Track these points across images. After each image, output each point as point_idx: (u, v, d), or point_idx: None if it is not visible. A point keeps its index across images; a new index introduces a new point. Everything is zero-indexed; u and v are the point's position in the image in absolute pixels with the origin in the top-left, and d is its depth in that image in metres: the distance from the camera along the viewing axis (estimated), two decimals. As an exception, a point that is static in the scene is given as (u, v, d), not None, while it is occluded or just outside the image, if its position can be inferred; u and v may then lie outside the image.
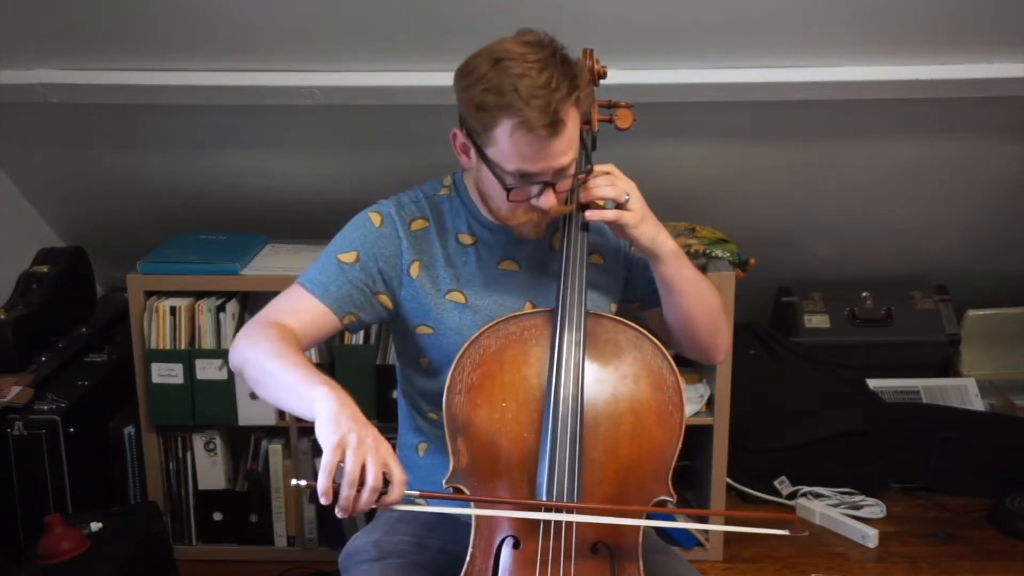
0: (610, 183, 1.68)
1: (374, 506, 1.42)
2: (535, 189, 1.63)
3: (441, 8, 2.29)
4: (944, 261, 3.22)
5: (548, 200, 1.64)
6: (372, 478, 1.40)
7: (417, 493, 1.47)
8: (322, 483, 1.38)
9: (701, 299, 1.79)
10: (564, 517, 1.52)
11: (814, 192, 2.91)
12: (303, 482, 1.43)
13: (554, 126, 1.56)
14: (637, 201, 1.69)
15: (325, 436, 1.41)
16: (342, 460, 1.39)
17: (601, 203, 1.69)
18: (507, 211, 1.68)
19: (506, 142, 1.58)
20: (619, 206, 1.69)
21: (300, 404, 1.51)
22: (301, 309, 1.71)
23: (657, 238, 1.71)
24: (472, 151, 1.67)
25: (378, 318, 1.78)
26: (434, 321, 1.76)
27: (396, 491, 1.43)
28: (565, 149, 1.60)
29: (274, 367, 1.56)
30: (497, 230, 1.78)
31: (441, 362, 1.76)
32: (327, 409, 1.44)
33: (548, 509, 1.53)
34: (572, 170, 1.65)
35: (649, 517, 1.64)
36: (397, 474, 1.43)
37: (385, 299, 1.76)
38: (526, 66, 1.55)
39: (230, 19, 2.36)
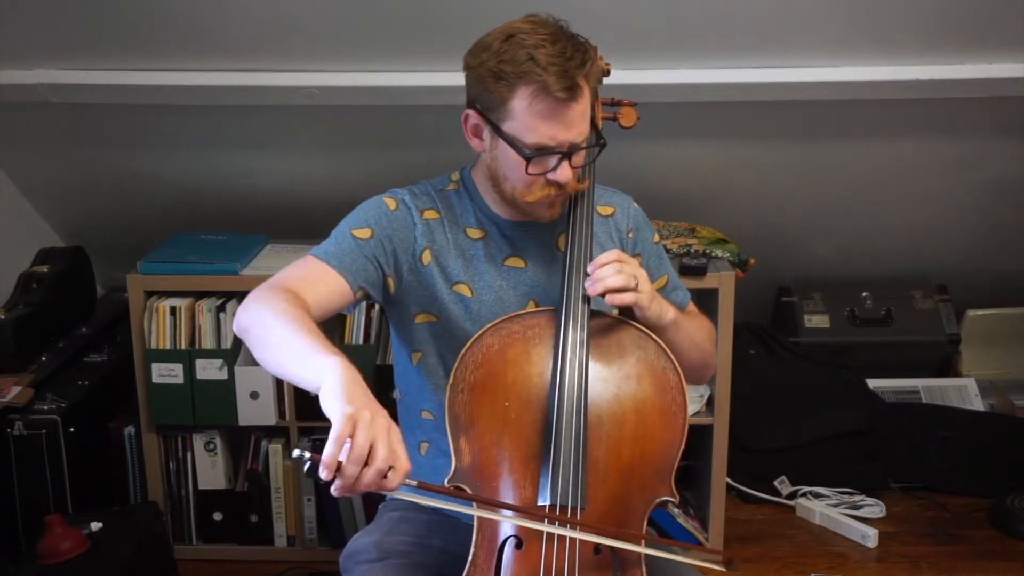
0: (618, 270, 1.64)
1: (372, 490, 1.35)
2: (552, 162, 1.63)
3: (442, 8, 2.29)
4: (944, 261, 3.22)
5: (564, 173, 1.63)
6: (381, 459, 1.32)
7: (416, 483, 1.40)
8: (330, 453, 1.30)
9: (696, 349, 1.81)
10: (566, 532, 1.52)
11: (814, 192, 2.92)
12: (307, 453, 1.33)
13: (571, 91, 1.57)
14: (645, 283, 1.68)
15: (336, 407, 1.34)
16: (352, 434, 1.32)
17: (615, 288, 1.63)
18: (524, 187, 1.66)
19: (524, 112, 1.59)
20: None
21: (306, 371, 1.43)
22: (316, 279, 1.66)
23: (661, 313, 1.71)
24: (486, 131, 1.67)
25: (378, 298, 1.76)
26: (439, 310, 1.75)
27: (398, 477, 1.35)
28: (580, 120, 1.62)
29: (284, 330, 1.49)
30: (505, 225, 1.78)
31: (440, 354, 1.76)
32: (339, 380, 1.37)
33: (552, 521, 1.52)
34: (586, 144, 1.65)
35: (650, 538, 1.62)
36: (403, 460, 1.36)
37: (390, 281, 1.75)
38: (539, 38, 1.58)
39: (230, 19, 2.36)
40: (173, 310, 2.54)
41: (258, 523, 2.69)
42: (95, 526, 2.28)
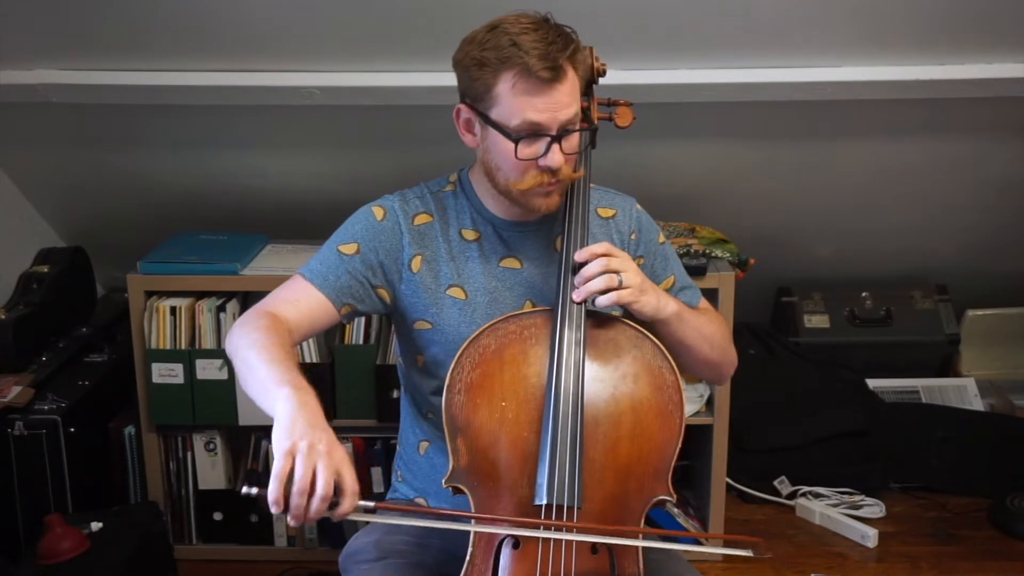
0: (602, 266, 1.64)
1: (326, 515, 1.39)
2: (542, 146, 1.63)
3: (442, 8, 2.29)
4: (944, 261, 3.22)
5: (556, 158, 1.63)
6: (321, 486, 1.36)
7: (372, 505, 1.43)
8: (274, 491, 1.35)
9: (707, 343, 1.81)
10: (554, 535, 1.52)
11: (814, 192, 2.91)
12: (254, 490, 1.39)
13: (554, 71, 1.58)
14: (634, 276, 1.67)
15: (278, 441, 1.39)
16: (292, 467, 1.36)
17: (598, 291, 1.64)
18: (516, 176, 1.66)
19: (508, 95, 1.60)
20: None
21: (267, 403, 1.48)
22: (299, 299, 1.70)
23: (659, 306, 1.71)
24: (476, 123, 1.68)
25: (374, 310, 1.79)
26: (432, 316, 1.76)
27: (347, 502, 1.39)
28: (567, 102, 1.62)
29: (254, 361, 1.54)
30: (502, 225, 1.78)
31: (437, 359, 1.76)
32: (284, 413, 1.42)
33: (548, 526, 1.52)
34: (577, 127, 1.65)
35: (647, 530, 1.62)
36: (349, 484, 1.39)
37: (384, 293, 1.76)
38: (522, 26, 1.60)
39: (230, 19, 2.36)
40: (173, 310, 2.54)
41: (258, 523, 2.70)
42: (95, 526, 2.28)
